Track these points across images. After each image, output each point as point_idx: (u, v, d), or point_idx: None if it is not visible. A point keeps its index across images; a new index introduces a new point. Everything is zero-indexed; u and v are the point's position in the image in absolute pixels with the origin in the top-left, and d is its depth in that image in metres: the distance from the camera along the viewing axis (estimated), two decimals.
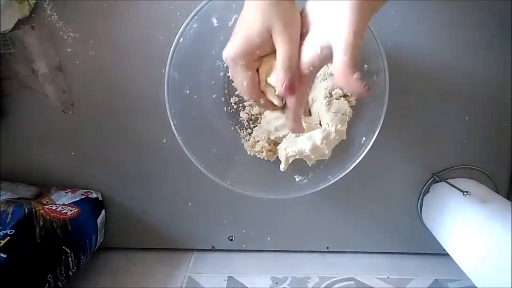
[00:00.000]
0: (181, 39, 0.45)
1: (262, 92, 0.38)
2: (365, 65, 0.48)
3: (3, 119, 0.55)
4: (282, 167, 0.49)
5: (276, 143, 0.52)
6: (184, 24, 0.44)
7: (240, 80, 0.36)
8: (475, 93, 0.56)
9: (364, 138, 0.48)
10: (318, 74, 0.49)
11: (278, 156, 0.53)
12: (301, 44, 0.33)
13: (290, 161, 0.49)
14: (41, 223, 0.49)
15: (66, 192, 0.57)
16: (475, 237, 0.48)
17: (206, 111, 0.51)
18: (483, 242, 0.47)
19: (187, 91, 0.49)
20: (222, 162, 0.51)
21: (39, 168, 0.58)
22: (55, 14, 0.51)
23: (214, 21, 0.47)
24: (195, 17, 0.44)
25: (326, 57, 0.31)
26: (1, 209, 0.48)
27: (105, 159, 0.58)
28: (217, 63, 0.50)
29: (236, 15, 0.47)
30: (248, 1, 0.34)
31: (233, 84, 0.39)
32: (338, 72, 0.28)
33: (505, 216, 0.47)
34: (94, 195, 0.58)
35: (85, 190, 0.58)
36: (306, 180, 0.51)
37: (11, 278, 0.41)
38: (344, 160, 0.49)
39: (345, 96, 0.50)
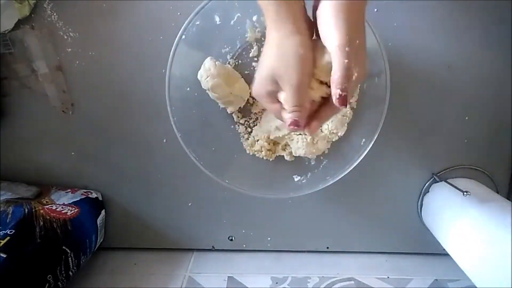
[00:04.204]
0: (183, 36, 0.45)
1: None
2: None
3: (3, 119, 0.55)
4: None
5: (275, 142, 0.52)
6: (187, 21, 0.44)
7: (269, 110, 0.38)
8: (475, 93, 0.56)
9: (364, 140, 0.48)
10: None
11: (277, 156, 0.53)
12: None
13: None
14: (41, 223, 0.49)
15: (66, 192, 0.57)
16: (475, 237, 0.48)
17: (206, 109, 0.51)
18: (483, 242, 0.46)
19: (188, 89, 0.49)
20: (221, 161, 0.51)
21: (39, 168, 0.58)
22: (55, 14, 0.51)
23: (217, 19, 0.47)
24: (198, 14, 0.44)
25: None
26: (1, 209, 0.48)
27: (105, 159, 0.58)
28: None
29: (239, 14, 0.47)
30: (268, 37, 0.34)
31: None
32: (333, 77, 0.31)
33: (505, 216, 0.47)
34: (94, 195, 0.58)
35: (85, 190, 0.58)
36: (305, 181, 0.51)
37: (11, 278, 0.41)
38: (343, 161, 0.49)
39: None
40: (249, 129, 0.53)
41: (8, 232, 0.45)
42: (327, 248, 0.64)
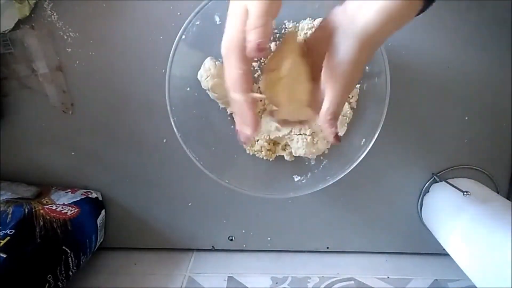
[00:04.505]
0: (183, 36, 0.45)
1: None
2: (367, 67, 0.48)
3: (3, 119, 0.55)
4: None
5: (275, 142, 0.52)
6: (187, 21, 0.44)
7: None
8: (475, 93, 0.56)
9: (364, 140, 0.48)
10: None
11: (277, 156, 0.53)
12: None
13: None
14: (41, 223, 0.49)
15: (66, 192, 0.57)
16: (475, 237, 0.48)
17: (206, 109, 0.51)
18: (483, 242, 0.46)
19: (188, 89, 0.49)
20: (221, 161, 0.51)
21: (39, 168, 0.58)
22: (55, 14, 0.51)
23: (217, 19, 0.47)
24: (198, 14, 0.44)
25: None
26: (1, 209, 0.48)
27: (105, 159, 0.58)
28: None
29: None
30: None
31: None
32: (321, 119, 0.32)
33: (505, 216, 0.47)
34: (94, 195, 0.58)
35: (85, 190, 0.58)
36: (305, 180, 0.51)
37: (11, 278, 0.41)
38: (343, 161, 0.49)
39: None
40: None
41: (8, 232, 0.45)
42: (327, 248, 0.64)
